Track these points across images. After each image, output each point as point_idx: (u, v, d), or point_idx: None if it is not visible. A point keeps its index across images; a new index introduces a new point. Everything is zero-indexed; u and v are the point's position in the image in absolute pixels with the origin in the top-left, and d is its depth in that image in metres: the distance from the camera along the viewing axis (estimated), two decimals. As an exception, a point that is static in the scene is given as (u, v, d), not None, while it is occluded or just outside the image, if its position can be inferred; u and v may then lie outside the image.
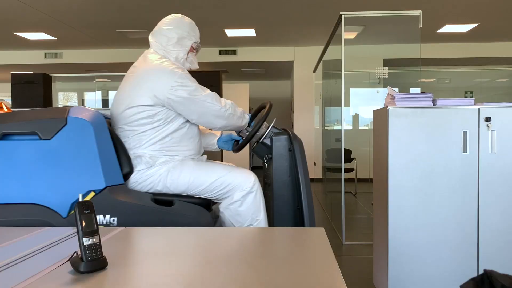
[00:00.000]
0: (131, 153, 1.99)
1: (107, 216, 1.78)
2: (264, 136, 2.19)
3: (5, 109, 1.93)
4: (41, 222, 1.69)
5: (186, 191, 2.01)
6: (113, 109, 2.08)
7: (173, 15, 2.16)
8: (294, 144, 2.11)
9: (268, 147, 2.20)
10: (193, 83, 1.99)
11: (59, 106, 11.35)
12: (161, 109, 1.97)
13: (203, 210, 1.98)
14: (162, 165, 1.98)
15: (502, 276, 0.78)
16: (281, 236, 1.40)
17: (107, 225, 1.79)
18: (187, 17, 2.17)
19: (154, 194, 1.97)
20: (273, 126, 2.21)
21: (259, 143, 2.20)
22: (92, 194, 1.78)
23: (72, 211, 1.74)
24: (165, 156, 2.00)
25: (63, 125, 1.75)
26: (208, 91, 2.04)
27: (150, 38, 2.15)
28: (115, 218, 1.79)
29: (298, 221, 2.11)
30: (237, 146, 2.25)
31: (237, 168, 2.09)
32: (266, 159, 2.23)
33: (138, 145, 1.99)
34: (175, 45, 2.09)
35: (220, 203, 2.07)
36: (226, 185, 2.00)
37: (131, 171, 1.96)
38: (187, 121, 2.07)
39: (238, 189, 1.99)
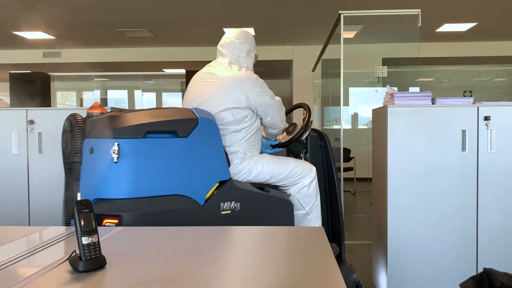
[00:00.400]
0: (226, 149, 2.28)
1: (233, 202, 2.05)
2: (306, 135, 2.63)
3: (99, 110, 1.94)
4: (184, 211, 1.85)
5: (269, 179, 2.37)
6: None
7: (239, 29, 2.51)
8: (326, 141, 2.70)
9: (303, 144, 2.68)
10: (269, 89, 2.39)
11: (58, 105, 11.32)
12: (250, 111, 2.31)
13: (285, 194, 2.42)
14: (250, 159, 2.32)
15: (502, 274, 0.78)
16: (280, 235, 1.40)
17: (233, 209, 2.06)
18: (248, 31, 2.53)
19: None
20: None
21: (295, 142, 2.63)
22: (217, 184, 2.03)
23: (208, 194, 1.98)
24: (250, 152, 2.34)
25: (196, 125, 1.95)
26: (278, 97, 2.45)
27: (221, 49, 2.46)
28: (238, 204, 2.06)
29: (325, 200, 2.74)
30: (283, 143, 2.66)
31: (298, 160, 2.54)
32: (302, 153, 2.70)
33: (231, 142, 2.30)
34: (245, 56, 2.43)
35: (287, 189, 2.44)
36: (300, 173, 2.39)
37: (228, 164, 2.24)
38: (261, 122, 2.46)
39: (307, 176, 2.41)
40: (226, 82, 2.28)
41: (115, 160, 1.75)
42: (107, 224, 1.71)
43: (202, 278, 1.02)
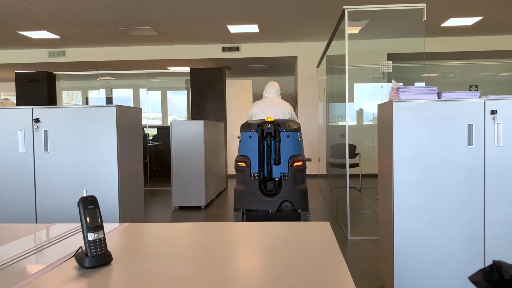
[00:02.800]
0: None
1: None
2: None
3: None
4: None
5: None
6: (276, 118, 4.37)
7: (275, 83, 4.68)
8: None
9: None
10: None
11: (63, 104, 11.35)
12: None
13: None
14: None
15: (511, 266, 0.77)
16: (286, 230, 1.39)
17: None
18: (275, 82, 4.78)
19: None
20: None
21: None
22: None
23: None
24: None
25: (300, 126, 4.32)
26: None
27: (272, 92, 4.63)
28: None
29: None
30: None
31: None
32: None
33: None
34: (279, 92, 4.67)
35: None
36: None
37: None
38: None
39: None
40: (285, 108, 4.41)
41: (299, 139, 3.95)
42: (296, 164, 3.87)
43: (205, 273, 1.01)
